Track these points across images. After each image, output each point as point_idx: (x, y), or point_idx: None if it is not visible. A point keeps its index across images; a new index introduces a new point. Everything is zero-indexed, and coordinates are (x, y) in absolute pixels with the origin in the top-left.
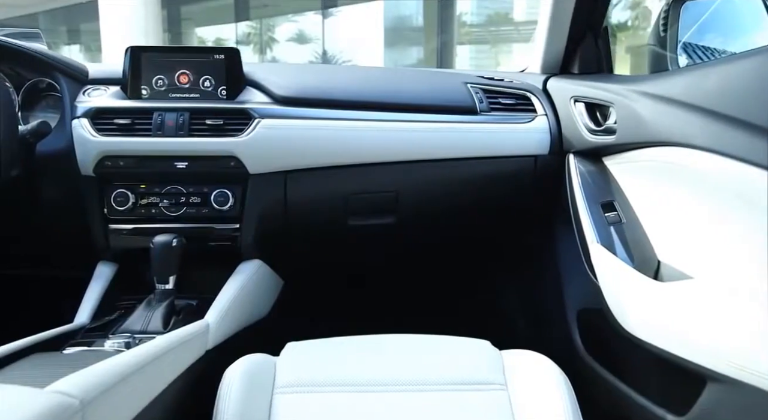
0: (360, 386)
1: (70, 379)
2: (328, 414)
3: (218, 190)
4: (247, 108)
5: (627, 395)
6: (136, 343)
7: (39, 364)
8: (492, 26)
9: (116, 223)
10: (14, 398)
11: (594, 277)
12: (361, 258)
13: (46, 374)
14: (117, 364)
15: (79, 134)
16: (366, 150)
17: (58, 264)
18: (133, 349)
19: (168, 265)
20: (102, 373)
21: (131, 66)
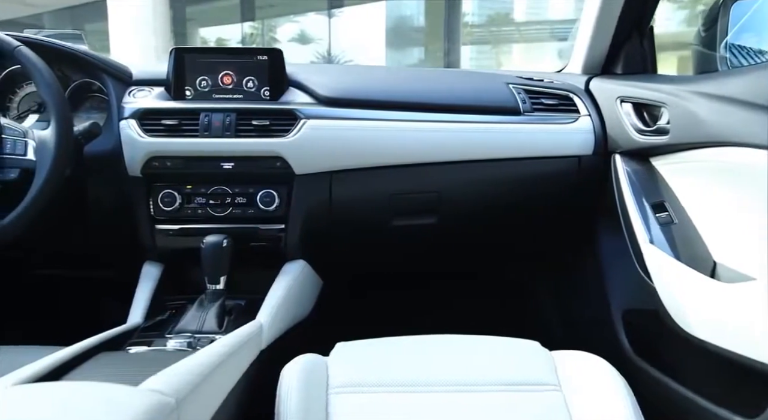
0: (414, 387)
1: (160, 377)
2: (384, 414)
3: (264, 191)
4: (293, 109)
5: (687, 398)
6: (197, 343)
7: (111, 362)
8: (493, 27)
9: (163, 223)
10: (114, 396)
11: (647, 277)
12: (401, 258)
13: (122, 373)
14: (199, 363)
15: (127, 135)
16: (410, 150)
17: (104, 264)
18: (205, 348)
19: (219, 266)
20: (189, 371)
21: (175, 67)
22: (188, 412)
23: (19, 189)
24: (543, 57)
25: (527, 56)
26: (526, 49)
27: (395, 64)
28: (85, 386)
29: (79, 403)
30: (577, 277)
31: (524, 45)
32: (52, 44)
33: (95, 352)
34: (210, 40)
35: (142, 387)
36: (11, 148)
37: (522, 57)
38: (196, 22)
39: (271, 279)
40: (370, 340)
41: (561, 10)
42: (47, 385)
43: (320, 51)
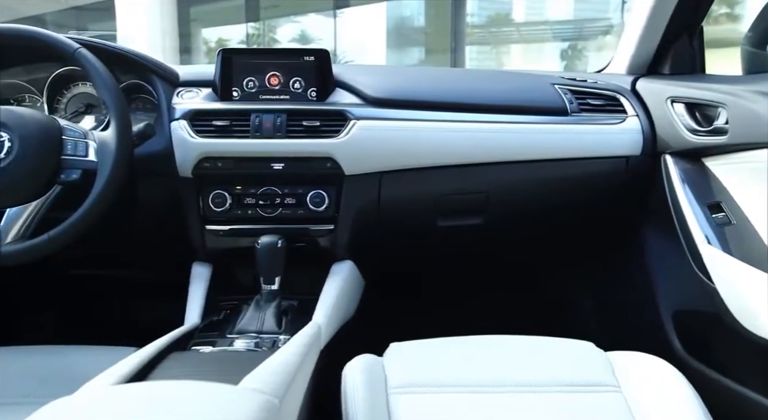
0: (472, 387)
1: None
2: (445, 415)
3: (315, 191)
4: (343, 110)
5: (751, 399)
6: (263, 344)
7: (191, 362)
8: (493, 27)
9: (213, 224)
10: (224, 396)
11: (706, 278)
12: (444, 258)
13: (208, 372)
14: (285, 362)
15: (179, 136)
16: (459, 151)
17: (152, 265)
18: (282, 349)
19: (274, 266)
20: (281, 371)
21: (222, 68)
22: (287, 412)
23: (79, 190)
24: (543, 57)
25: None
26: (526, 49)
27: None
28: (194, 385)
29: (192, 402)
30: (620, 277)
31: (524, 45)
32: (106, 46)
33: (167, 352)
34: (211, 41)
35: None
36: (72, 149)
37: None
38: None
39: (319, 279)
40: (424, 341)
41: (560, 10)
42: (153, 384)
43: None
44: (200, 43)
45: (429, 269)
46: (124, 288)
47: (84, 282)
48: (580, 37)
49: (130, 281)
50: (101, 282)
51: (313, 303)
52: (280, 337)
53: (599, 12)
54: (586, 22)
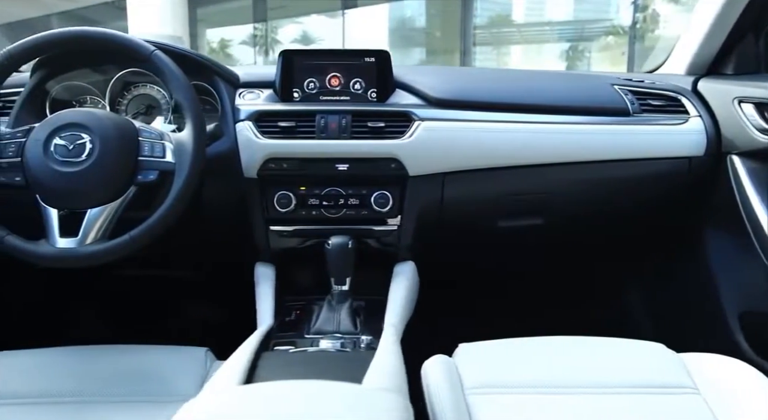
0: (549, 388)
1: (377, 377)
2: (525, 416)
3: (379, 192)
4: (408, 111)
5: None
6: (347, 344)
7: (292, 362)
8: (494, 28)
9: (277, 224)
10: (362, 397)
11: None
12: (502, 258)
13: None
14: (393, 363)
15: (245, 137)
16: (521, 152)
17: (214, 265)
18: (380, 350)
19: (345, 267)
20: (395, 371)
21: (283, 69)
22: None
23: (155, 191)
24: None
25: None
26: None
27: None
28: (332, 385)
29: (338, 402)
30: (678, 278)
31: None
32: (174, 48)
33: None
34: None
35: (373, 387)
36: (149, 150)
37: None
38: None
39: (381, 280)
40: (494, 341)
41: (561, 11)
42: (290, 384)
43: None
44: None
45: (483, 269)
46: (177, 288)
47: (135, 282)
48: (581, 38)
49: (182, 281)
50: (152, 282)
51: (380, 303)
52: (362, 338)
53: (600, 13)
54: (587, 23)
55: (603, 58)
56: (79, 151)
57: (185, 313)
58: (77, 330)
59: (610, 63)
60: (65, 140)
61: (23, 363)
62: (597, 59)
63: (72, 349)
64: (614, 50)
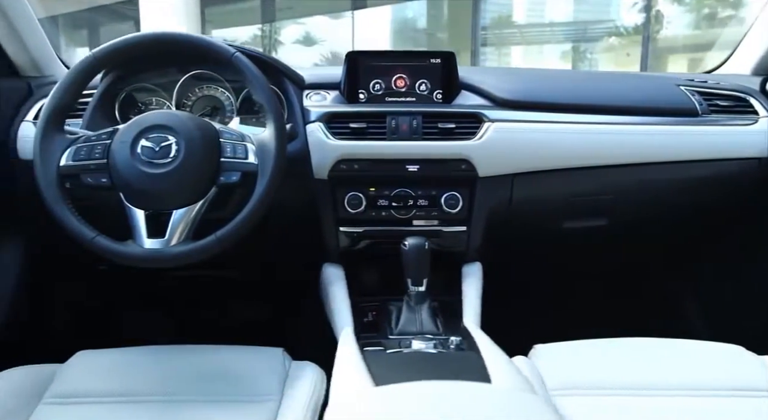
0: (634, 390)
1: (504, 378)
2: (613, 418)
3: (449, 193)
4: (478, 112)
5: None
6: (441, 345)
7: (399, 363)
8: (495, 29)
9: (347, 225)
10: (505, 397)
11: None
12: (564, 259)
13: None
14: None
15: (317, 138)
16: (590, 153)
17: (282, 266)
18: (484, 348)
19: (422, 268)
20: (515, 371)
21: (349, 71)
22: None
23: (231, 192)
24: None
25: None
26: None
27: None
28: (470, 386)
29: (486, 403)
30: (741, 280)
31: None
32: (251, 51)
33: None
34: None
35: (505, 388)
36: (231, 151)
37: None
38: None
39: (446, 280)
40: (571, 343)
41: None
42: (424, 384)
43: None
44: None
45: (546, 270)
46: (235, 289)
47: (192, 283)
48: (583, 39)
49: (239, 282)
50: (210, 283)
51: (453, 304)
52: (451, 339)
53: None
54: (589, 24)
55: (607, 60)
56: (165, 153)
57: (247, 314)
58: (142, 330)
59: (614, 64)
60: (151, 142)
61: (103, 362)
62: (601, 61)
63: (150, 349)
64: (618, 51)
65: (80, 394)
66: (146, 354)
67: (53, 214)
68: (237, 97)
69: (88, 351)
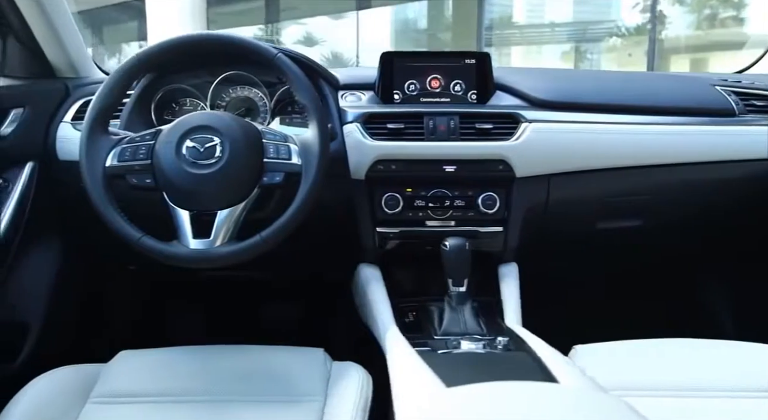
0: (681, 391)
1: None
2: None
3: (486, 194)
4: (515, 112)
5: None
6: (489, 345)
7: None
8: (496, 29)
9: (383, 225)
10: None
11: None
12: (597, 259)
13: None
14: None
15: (354, 139)
16: (627, 153)
17: (316, 267)
18: (537, 348)
19: (462, 268)
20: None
21: (384, 71)
22: None
23: (274, 193)
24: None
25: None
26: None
27: None
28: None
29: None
30: None
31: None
32: (291, 52)
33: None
34: None
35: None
36: (275, 152)
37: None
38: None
39: (481, 280)
40: (612, 343)
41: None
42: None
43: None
44: None
45: (578, 270)
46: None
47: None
48: (583, 39)
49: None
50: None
51: (490, 304)
52: (498, 339)
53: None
54: (589, 25)
55: (609, 60)
56: (210, 153)
57: (280, 314)
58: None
59: (617, 65)
60: (196, 142)
61: (146, 362)
62: (602, 61)
63: (191, 349)
64: (620, 52)
65: (126, 394)
66: (187, 354)
67: (100, 214)
68: (271, 98)
69: (130, 351)
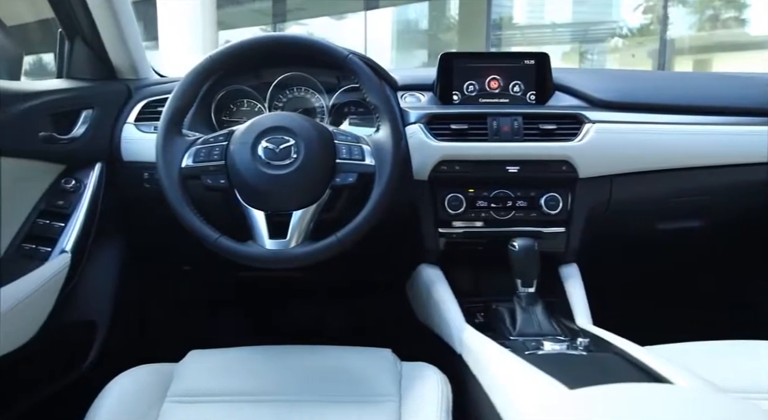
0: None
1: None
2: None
3: (549, 194)
4: (579, 113)
5: None
6: (570, 346)
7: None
8: (497, 30)
9: (446, 226)
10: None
11: None
12: (654, 260)
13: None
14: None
15: (417, 139)
16: (689, 154)
17: (376, 268)
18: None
19: (532, 269)
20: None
21: (443, 72)
22: None
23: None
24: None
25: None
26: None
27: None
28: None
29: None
30: None
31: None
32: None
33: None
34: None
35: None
36: (347, 153)
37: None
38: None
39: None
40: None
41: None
42: (614, 388)
43: None
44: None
45: (637, 271)
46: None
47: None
48: (584, 40)
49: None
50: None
51: (556, 305)
52: (579, 340)
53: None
54: (590, 25)
55: (612, 61)
56: (286, 154)
57: (338, 315)
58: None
59: (620, 66)
60: (272, 143)
61: (217, 361)
62: (604, 62)
63: (259, 349)
64: (622, 52)
65: (201, 393)
66: (256, 353)
67: (177, 215)
68: (329, 99)
69: (200, 350)
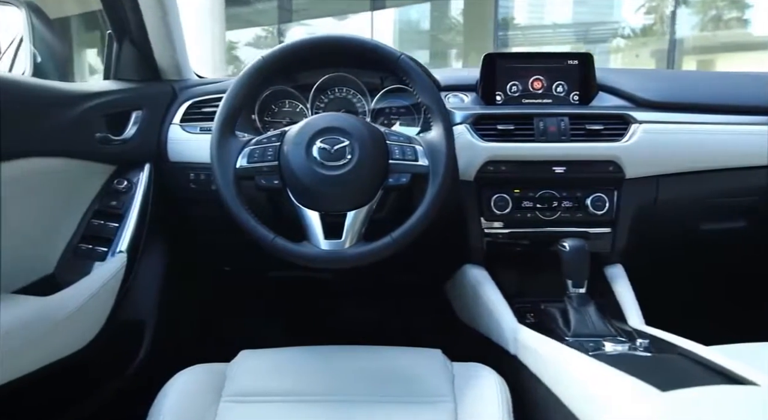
0: None
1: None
2: None
3: (596, 195)
4: (625, 113)
5: None
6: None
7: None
8: (499, 31)
9: (492, 226)
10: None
11: None
12: (697, 261)
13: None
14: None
15: (465, 140)
16: (735, 154)
17: (420, 269)
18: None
19: (582, 270)
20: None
21: (486, 72)
22: None
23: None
24: None
25: None
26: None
27: None
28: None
29: None
30: None
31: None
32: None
33: None
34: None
35: None
36: (400, 153)
37: None
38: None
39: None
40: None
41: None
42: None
43: None
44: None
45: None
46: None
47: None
48: (586, 40)
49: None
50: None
51: (605, 305)
52: (639, 341)
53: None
54: (591, 26)
55: (616, 61)
56: (341, 155)
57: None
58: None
59: (622, 66)
60: (326, 144)
61: (269, 362)
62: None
63: (309, 349)
64: (625, 52)
65: (256, 393)
66: (307, 353)
67: (233, 215)
68: (371, 99)
69: (251, 351)
